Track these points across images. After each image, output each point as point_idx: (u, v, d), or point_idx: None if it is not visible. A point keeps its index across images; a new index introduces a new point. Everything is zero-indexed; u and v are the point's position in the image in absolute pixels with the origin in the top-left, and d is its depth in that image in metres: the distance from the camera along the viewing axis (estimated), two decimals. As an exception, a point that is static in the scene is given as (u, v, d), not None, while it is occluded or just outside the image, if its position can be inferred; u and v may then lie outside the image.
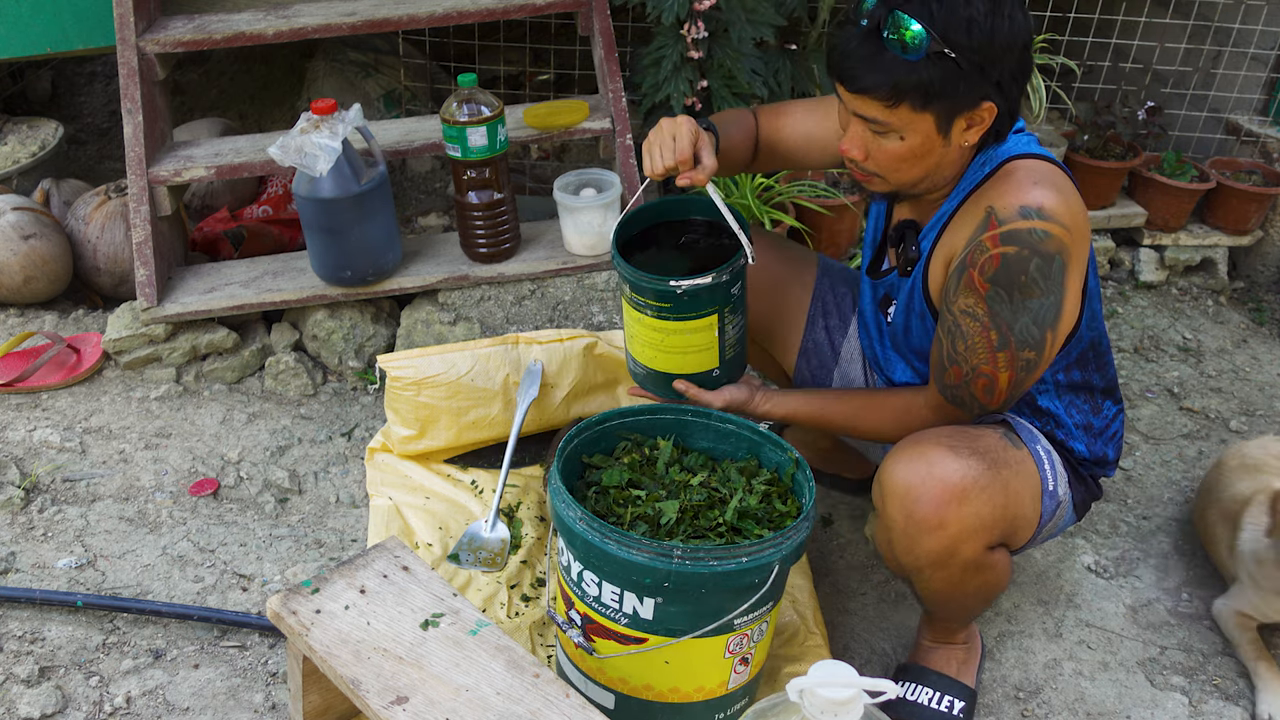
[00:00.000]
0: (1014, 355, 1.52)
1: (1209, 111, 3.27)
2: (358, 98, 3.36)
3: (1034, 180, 1.50)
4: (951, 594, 1.68)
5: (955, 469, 1.52)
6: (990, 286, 1.49)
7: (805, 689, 1.04)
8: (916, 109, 1.46)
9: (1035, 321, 1.50)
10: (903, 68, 1.42)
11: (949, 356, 1.57)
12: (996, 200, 1.50)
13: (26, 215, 2.66)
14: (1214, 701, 1.88)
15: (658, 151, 1.62)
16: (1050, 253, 1.47)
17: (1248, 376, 2.79)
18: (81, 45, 2.89)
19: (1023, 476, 1.61)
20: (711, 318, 1.70)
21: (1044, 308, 1.49)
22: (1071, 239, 1.48)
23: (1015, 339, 1.51)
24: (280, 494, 2.25)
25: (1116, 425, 1.79)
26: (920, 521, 1.54)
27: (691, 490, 1.71)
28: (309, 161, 2.26)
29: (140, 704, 1.77)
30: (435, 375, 2.18)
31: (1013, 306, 1.49)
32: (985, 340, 1.52)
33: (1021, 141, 1.58)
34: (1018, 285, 1.48)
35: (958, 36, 1.40)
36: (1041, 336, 1.51)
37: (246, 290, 2.51)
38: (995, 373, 1.54)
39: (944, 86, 1.43)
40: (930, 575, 1.62)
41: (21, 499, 2.14)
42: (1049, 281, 1.48)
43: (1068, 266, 1.49)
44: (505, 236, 2.52)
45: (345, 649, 1.45)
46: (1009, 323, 1.50)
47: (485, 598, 1.97)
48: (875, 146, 1.53)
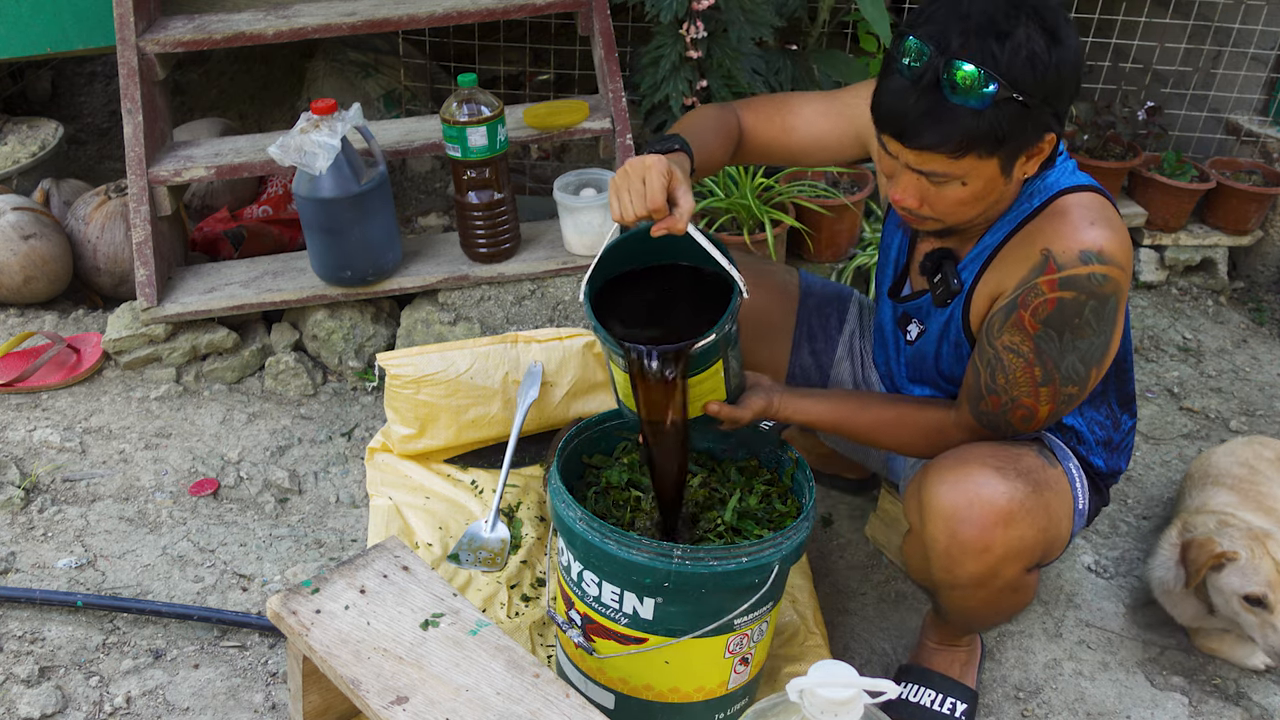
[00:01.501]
0: (1056, 391, 1.50)
1: (1209, 111, 3.27)
2: (358, 98, 3.36)
3: (1090, 220, 1.45)
4: (982, 611, 1.67)
5: (1003, 492, 1.48)
6: (1041, 328, 1.46)
7: (805, 689, 1.04)
8: (983, 156, 1.39)
9: (1082, 360, 1.48)
10: (969, 118, 1.34)
11: (987, 387, 1.53)
12: (1055, 243, 1.45)
13: (26, 215, 2.66)
14: (1214, 701, 1.88)
15: (627, 198, 1.45)
16: (1106, 295, 1.44)
17: (1248, 376, 2.79)
18: (81, 45, 2.89)
19: (1060, 496, 1.59)
20: (718, 364, 1.60)
21: (1093, 347, 1.47)
22: (1124, 277, 1.45)
23: (1060, 376, 1.48)
24: (280, 494, 2.25)
25: (1130, 437, 1.78)
26: (965, 544, 1.50)
27: (691, 490, 1.71)
28: (309, 161, 2.26)
29: (140, 704, 1.77)
30: (434, 373, 2.18)
31: (1061, 346, 1.46)
32: (1029, 376, 1.49)
33: (1068, 170, 1.53)
34: (1070, 328, 1.45)
35: (1024, 77, 1.32)
36: (1087, 373, 1.49)
37: (246, 290, 2.51)
38: (1036, 406, 1.51)
39: (1012, 130, 1.36)
40: (967, 594, 1.60)
41: (21, 499, 2.14)
42: (1101, 323, 1.45)
43: (1120, 305, 1.47)
44: (505, 236, 2.52)
45: (345, 649, 1.45)
46: (1055, 361, 1.47)
47: (485, 598, 1.97)
48: (933, 195, 1.46)
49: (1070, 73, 1.37)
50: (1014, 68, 1.32)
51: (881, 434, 1.67)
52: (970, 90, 1.32)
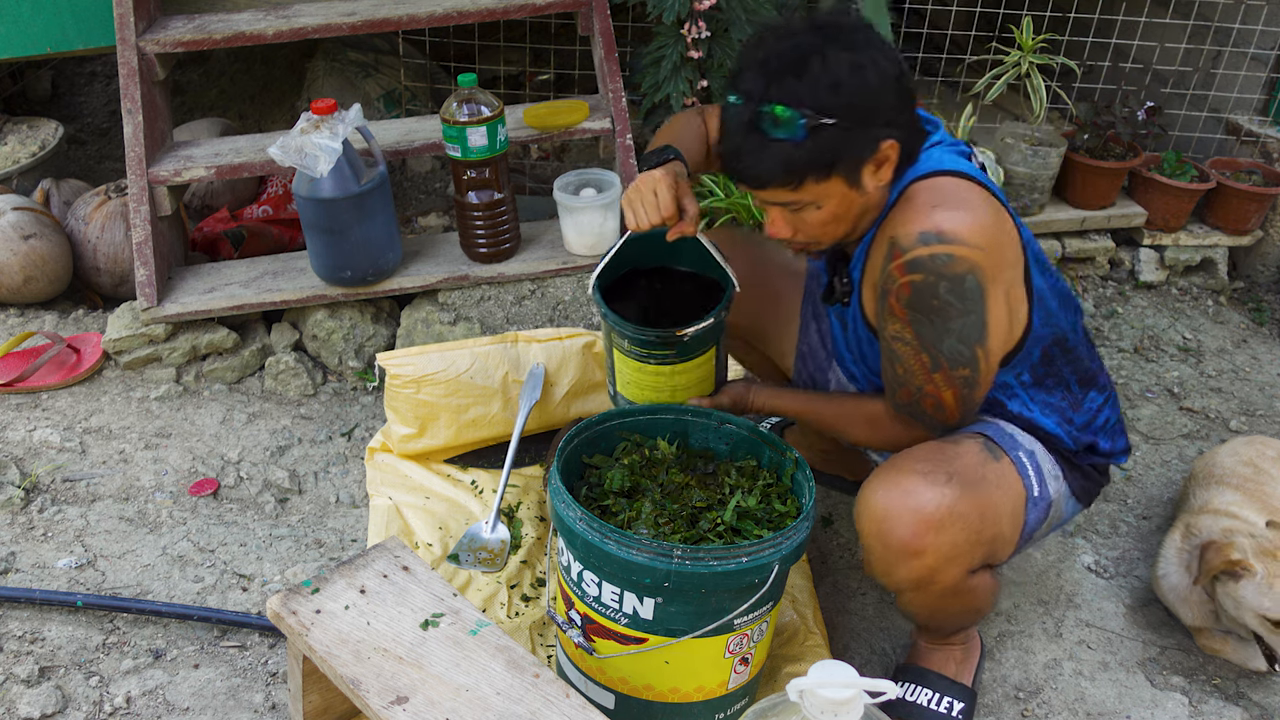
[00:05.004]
0: (949, 374, 1.53)
1: (1209, 111, 3.27)
2: (358, 98, 3.36)
3: (933, 203, 1.49)
4: (933, 613, 1.71)
5: (930, 499, 1.52)
6: (908, 312, 1.51)
7: (805, 689, 1.04)
8: (821, 180, 1.47)
9: (961, 340, 1.50)
10: (792, 151, 1.43)
11: (895, 379, 1.60)
12: (898, 229, 1.51)
13: (26, 215, 2.66)
14: (1214, 701, 1.88)
15: (641, 209, 1.63)
16: (959, 274, 1.46)
17: (1248, 376, 2.79)
18: (81, 45, 2.89)
19: (1003, 490, 1.61)
20: (711, 351, 1.76)
21: (967, 326, 1.49)
22: (984, 254, 1.47)
23: (946, 359, 1.52)
24: (280, 494, 2.25)
25: (1106, 414, 1.77)
26: (896, 549, 1.55)
27: (691, 491, 1.71)
28: (309, 162, 2.26)
29: (140, 704, 1.77)
30: (434, 373, 2.18)
31: (935, 329, 1.50)
32: (919, 363, 1.54)
33: (932, 158, 1.56)
34: (933, 310, 1.49)
35: (831, 102, 1.41)
36: (972, 354, 1.52)
37: (246, 290, 2.51)
38: (938, 392, 1.56)
39: (838, 150, 1.45)
40: (910, 597, 1.64)
41: (21, 499, 2.14)
42: (966, 301, 1.48)
43: (984, 283, 1.48)
44: (505, 236, 2.52)
45: (345, 649, 1.45)
46: (935, 345, 1.51)
47: (485, 598, 1.97)
48: (798, 221, 1.55)
49: (879, 87, 1.44)
50: (818, 97, 1.41)
51: (839, 426, 1.76)
52: (783, 126, 1.42)
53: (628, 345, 1.75)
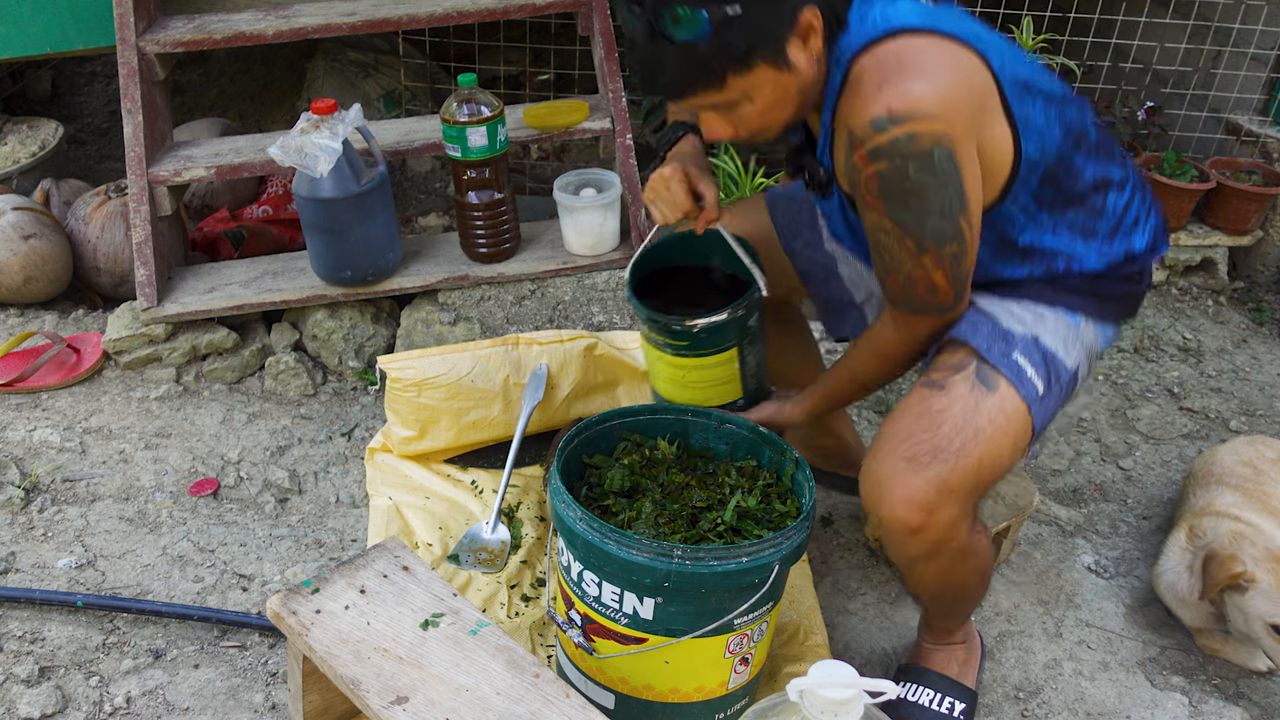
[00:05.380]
0: (937, 254, 1.46)
1: (1209, 111, 3.27)
2: (358, 98, 3.36)
3: (878, 82, 1.38)
4: (946, 583, 1.69)
5: (918, 486, 1.51)
6: (882, 202, 1.43)
7: (805, 689, 1.04)
8: (743, 73, 1.38)
9: (943, 216, 1.42)
10: (703, 51, 1.34)
11: (884, 268, 1.53)
12: (850, 119, 1.41)
13: (26, 215, 2.66)
14: (1214, 701, 1.88)
15: (662, 206, 1.63)
16: (924, 150, 1.37)
17: (1248, 376, 2.79)
18: (81, 45, 2.89)
19: (999, 428, 1.55)
20: (731, 351, 1.73)
21: (945, 200, 1.41)
22: (946, 120, 1.36)
23: (931, 240, 1.44)
24: (280, 494, 2.25)
25: (1134, 211, 1.63)
26: (899, 531, 1.55)
27: (691, 491, 1.71)
28: (309, 162, 2.26)
29: (140, 704, 1.77)
30: (436, 376, 2.18)
31: (913, 213, 1.42)
32: (904, 249, 1.47)
33: (869, 19, 1.43)
34: (907, 194, 1.40)
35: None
36: (956, 227, 1.44)
37: (246, 290, 2.51)
38: (928, 276, 1.49)
39: (750, 37, 1.35)
40: (924, 567, 1.64)
41: (21, 499, 2.14)
42: (939, 176, 1.39)
43: (955, 149, 1.38)
44: (505, 236, 2.52)
45: (345, 649, 1.45)
46: (918, 227, 1.43)
47: (485, 598, 1.97)
48: (736, 119, 1.46)
49: None
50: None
51: (857, 379, 1.72)
52: (685, 26, 1.33)
53: (647, 330, 1.76)
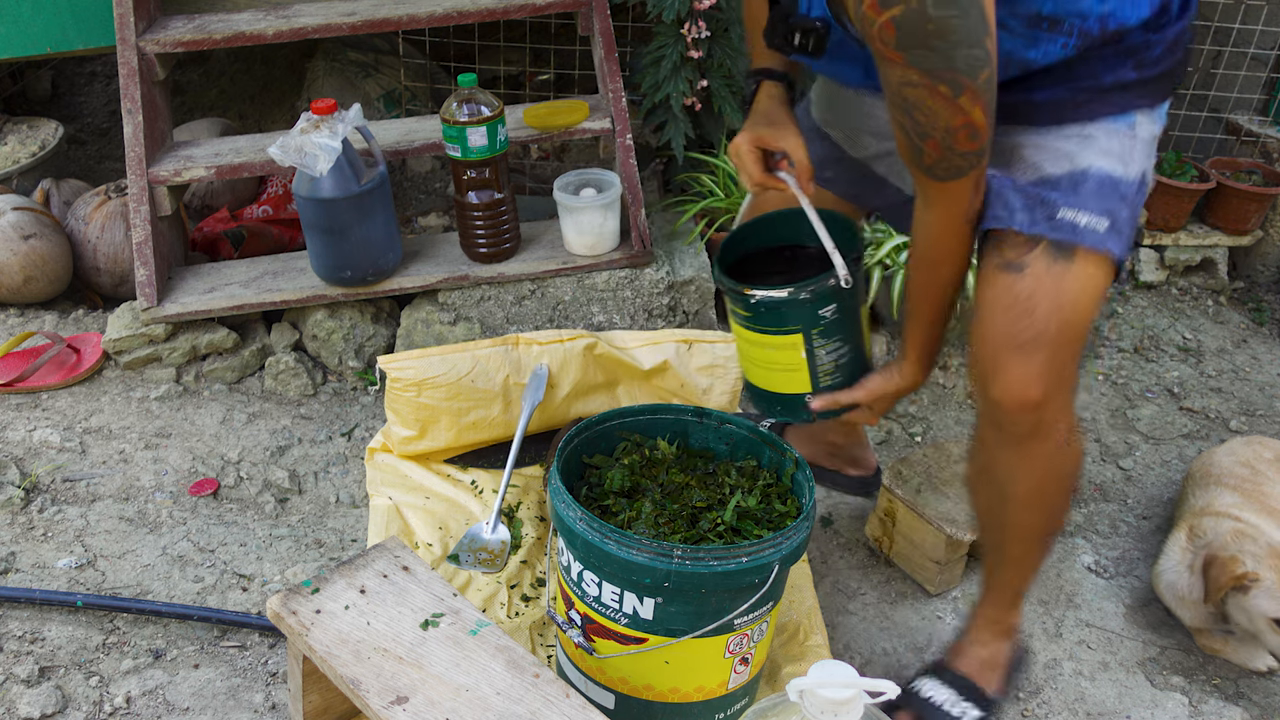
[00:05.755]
0: (973, 89, 1.32)
1: (1209, 111, 3.27)
2: (358, 98, 3.36)
3: None
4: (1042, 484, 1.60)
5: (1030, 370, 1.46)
6: (904, 53, 1.30)
7: (805, 689, 1.04)
8: None
9: (969, 43, 1.29)
10: None
11: (918, 134, 1.38)
12: None
13: (26, 215, 2.66)
14: (1214, 701, 1.88)
15: (744, 180, 1.58)
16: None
17: (1248, 376, 2.79)
18: (81, 45, 2.89)
19: (1084, 286, 1.48)
20: (795, 337, 1.62)
21: (968, 28, 1.27)
22: None
23: (965, 74, 1.30)
24: (280, 494, 2.25)
25: None
26: (1014, 405, 1.50)
27: (691, 491, 1.71)
28: (309, 161, 2.26)
29: (140, 704, 1.77)
30: (435, 376, 2.18)
31: (940, 53, 1.29)
32: (938, 97, 1.33)
33: None
34: (929, 35, 1.27)
35: None
36: (985, 52, 1.30)
37: (246, 290, 2.51)
38: (968, 118, 1.34)
39: None
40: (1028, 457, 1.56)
41: (21, 499, 2.14)
42: (959, 5, 1.26)
43: None
44: (505, 236, 2.52)
45: (345, 649, 1.45)
46: (947, 67, 1.30)
47: (485, 598, 1.97)
48: None
49: None
50: None
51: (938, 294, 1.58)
52: None
53: (727, 300, 1.68)
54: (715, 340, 2.37)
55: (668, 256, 2.61)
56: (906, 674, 1.91)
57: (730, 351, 2.37)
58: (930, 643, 1.97)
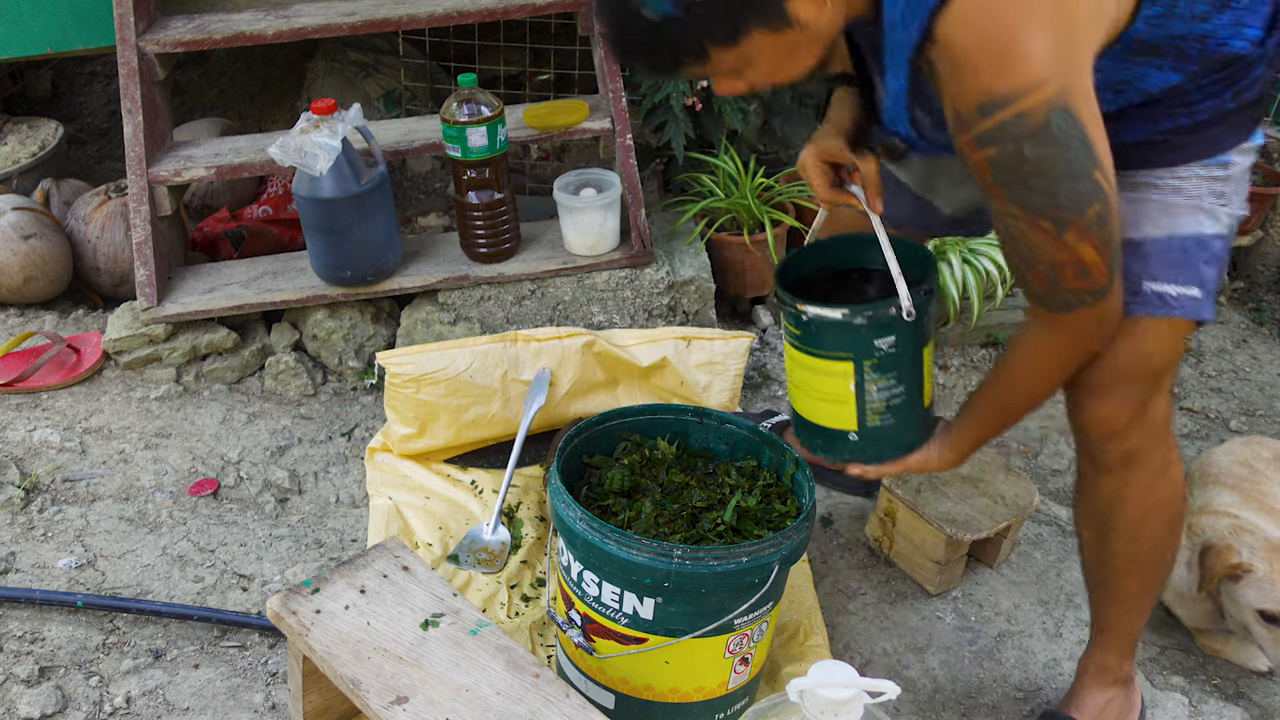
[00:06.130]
0: (1080, 225, 1.23)
1: (1209, 111, 3.26)
2: (358, 98, 3.36)
3: (974, 65, 1.17)
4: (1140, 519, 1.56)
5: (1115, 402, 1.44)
6: (1001, 188, 1.24)
7: (805, 689, 1.04)
8: (729, 46, 1.20)
9: (1074, 178, 1.21)
10: (676, 30, 1.17)
11: (1023, 261, 1.30)
12: (956, 100, 1.21)
13: (26, 215, 2.66)
14: (1214, 701, 1.88)
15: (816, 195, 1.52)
16: (1038, 125, 1.17)
17: (1248, 376, 2.79)
18: (81, 45, 2.89)
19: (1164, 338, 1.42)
20: (845, 365, 1.48)
21: (1071, 162, 1.20)
22: (1058, 75, 1.16)
23: (1069, 210, 1.22)
24: (280, 494, 2.25)
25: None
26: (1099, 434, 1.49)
27: (691, 491, 1.71)
28: (309, 161, 2.26)
29: (140, 704, 1.77)
30: (434, 371, 2.18)
31: (1040, 190, 1.22)
32: (1041, 233, 1.25)
33: None
34: (1028, 175, 1.21)
35: None
36: (1093, 185, 1.22)
37: (246, 290, 2.51)
38: (1074, 254, 1.26)
39: (732, 11, 1.16)
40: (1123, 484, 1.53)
41: (21, 499, 2.14)
42: (1060, 142, 1.18)
43: (1071, 101, 1.18)
44: (505, 236, 2.52)
45: (345, 649, 1.45)
46: (1050, 203, 1.22)
47: (485, 598, 1.97)
48: (743, 79, 1.28)
49: None
50: None
51: (1016, 410, 1.51)
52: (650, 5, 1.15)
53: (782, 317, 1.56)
54: (714, 338, 2.38)
55: (668, 256, 2.61)
56: (907, 674, 1.91)
57: (729, 348, 2.37)
58: (930, 643, 1.98)
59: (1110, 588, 1.67)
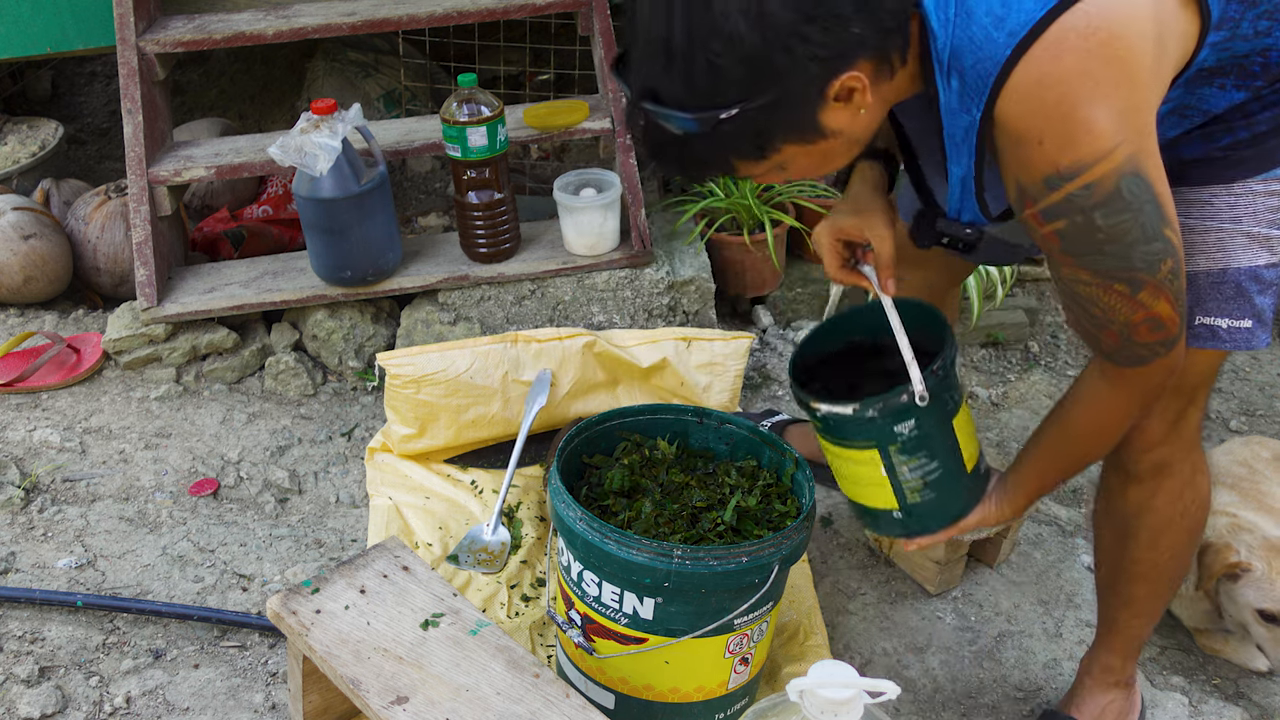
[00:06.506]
0: (1154, 284, 1.21)
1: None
2: (358, 98, 3.36)
3: (1038, 138, 1.13)
4: (1166, 522, 1.56)
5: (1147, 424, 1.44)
6: (1072, 257, 1.22)
7: (805, 689, 1.04)
8: (760, 159, 1.18)
9: (1148, 239, 1.18)
10: (703, 145, 1.15)
11: (1093, 323, 1.28)
12: (1020, 174, 1.19)
13: (26, 215, 2.66)
14: (1214, 701, 1.88)
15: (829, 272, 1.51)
16: (1108, 194, 1.14)
17: (1248, 376, 2.79)
18: (81, 45, 2.89)
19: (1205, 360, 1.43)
20: (870, 453, 1.46)
21: (1146, 224, 1.17)
22: (1127, 141, 1.13)
23: (1144, 271, 1.20)
24: (280, 494, 2.25)
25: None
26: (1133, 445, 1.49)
27: (691, 491, 1.71)
28: (309, 161, 2.26)
29: (140, 704, 1.77)
30: (434, 372, 2.18)
31: (1113, 256, 1.19)
32: (1115, 295, 1.23)
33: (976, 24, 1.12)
34: (1099, 243, 1.19)
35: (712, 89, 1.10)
36: (1165, 243, 1.19)
37: (246, 290, 2.51)
38: (1150, 312, 1.23)
39: (759, 130, 1.14)
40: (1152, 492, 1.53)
41: (21, 499, 2.14)
42: (1132, 208, 1.16)
43: (1141, 164, 1.15)
44: (505, 236, 2.52)
45: (345, 649, 1.45)
46: (1123, 268, 1.20)
47: (485, 598, 1.97)
48: (779, 176, 1.27)
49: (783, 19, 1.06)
50: (695, 87, 1.10)
51: (1076, 463, 1.49)
52: (675, 122, 1.13)
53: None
54: (714, 338, 2.38)
55: (668, 256, 2.61)
56: (907, 674, 1.91)
57: (729, 349, 2.37)
58: (930, 643, 1.98)
59: (1123, 591, 1.67)
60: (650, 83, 1.13)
